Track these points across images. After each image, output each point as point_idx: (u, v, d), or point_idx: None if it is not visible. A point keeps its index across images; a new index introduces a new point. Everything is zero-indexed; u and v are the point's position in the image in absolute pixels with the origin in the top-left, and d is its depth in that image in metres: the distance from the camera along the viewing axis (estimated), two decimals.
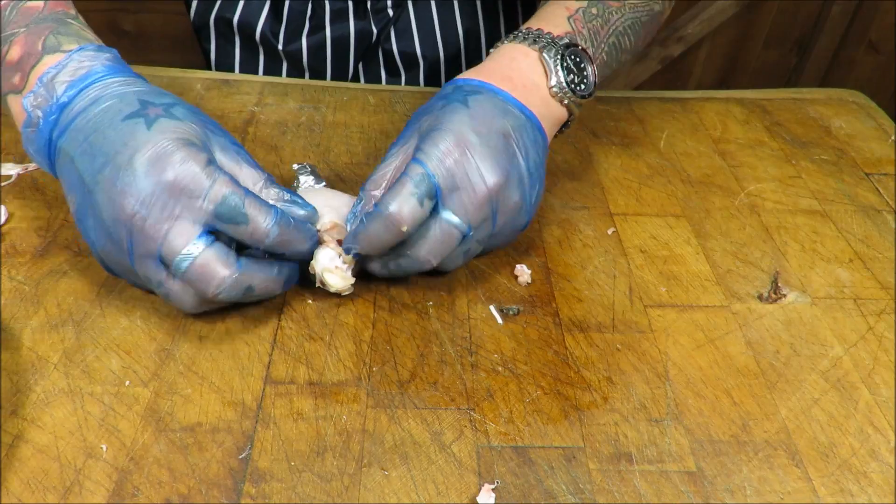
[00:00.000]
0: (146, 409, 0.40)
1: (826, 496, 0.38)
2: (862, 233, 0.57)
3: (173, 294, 0.42)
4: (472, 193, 0.44)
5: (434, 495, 0.37)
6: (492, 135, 0.45)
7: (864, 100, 0.74)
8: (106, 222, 0.41)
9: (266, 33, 0.76)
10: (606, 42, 0.55)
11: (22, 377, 0.42)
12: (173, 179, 0.40)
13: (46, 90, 0.43)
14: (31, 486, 0.36)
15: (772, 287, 0.51)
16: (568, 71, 0.50)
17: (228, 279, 0.41)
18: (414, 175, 0.43)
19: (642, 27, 0.58)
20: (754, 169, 0.63)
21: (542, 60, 0.50)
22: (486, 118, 0.45)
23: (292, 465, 0.38)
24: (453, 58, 0.79)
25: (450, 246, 0.45)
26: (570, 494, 0.38)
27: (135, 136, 0.41)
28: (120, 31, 1.81)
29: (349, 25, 0.76)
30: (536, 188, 0.48)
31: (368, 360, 0.44)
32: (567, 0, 0.55)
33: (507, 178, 0.45)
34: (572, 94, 0.50)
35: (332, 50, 0.77)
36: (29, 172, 0.57)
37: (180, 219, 0.40)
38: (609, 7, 0.55)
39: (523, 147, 0.46)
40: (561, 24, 0.53)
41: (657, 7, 0.60)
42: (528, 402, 0.42)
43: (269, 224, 0.42)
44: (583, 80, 0.51)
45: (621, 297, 0.50)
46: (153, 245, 0.40)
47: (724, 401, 0.43)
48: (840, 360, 0.46)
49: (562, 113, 0.51)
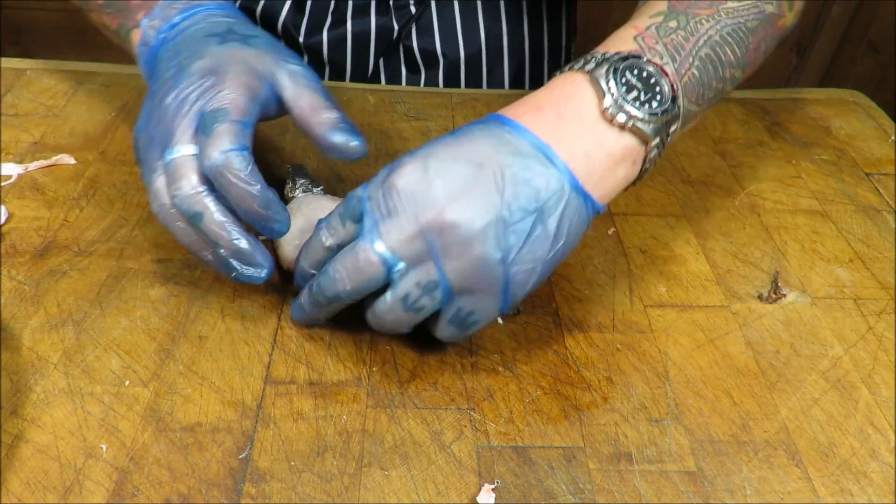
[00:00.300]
0: (146, 409, 0.40)
1: (826, 496, 0.38)
2: (862, 233, 0.57)
3: (153, 189, 0.42)
4: (402, 221, 0.38)
5: (434, 495, 0.37)
6: (459, 163, 0.38)
7: (864, 100, 0.74)
8: (151, 107, 0.44)
9: (288, 25, 0.77)
10: (696, 55, 0.44)
11: (22, 377, 0.42)
12: (207, 85, 0.43)
13: (162, 14, 0.49)
14: (31, 486, 0.36)
15: (772, 287, 0.51)
16: (629, 88, 0.40)
17: (188, 188, 0.41)
18: (350, 195, 0.41)
19: (750, 34, 0.48)
20: (754, 169, 0.63)
21: (593, 81, 0.41)
22: (462, 147, 0.39)
23: (292, 465, 0.38)
24: (474, 57, 0.78)
25: (367, 272, 0.39)
26: (570, 494, 0.38)
27: (206, 48, 0.45)
28: None
29: (370, 21, 0.76)
30: (525, 238, 0.38)
31: (368, 360, 0.44)
32: (638, 19, 0.46)
33: (456, 215, 0.37)
34: (636, 115, 0.40)
35: (353, 45, 0.77)
36: (29, 172, 0.57)
37: (193, 120, 0.42)
38: (695, 16, 0.45)
39: (507, 182, 0.38)
40: (625, 45, 0.44)
41: (769, 8, 0.48)
42: (528, 402, 0.42)
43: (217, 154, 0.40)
44: (653, 97, 0.41)
45: (621, 297, 0.50)
46: (163, 132, 0.42)
47: (724, 401, 0.43)
48: (840, 360, 0.46)
49: (623, 146, 0.41)
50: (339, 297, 0.41)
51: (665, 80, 0.41)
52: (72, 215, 0.53)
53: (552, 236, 0.39)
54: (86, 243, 0.51)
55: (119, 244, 0.51)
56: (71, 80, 0.69)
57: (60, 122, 0.63)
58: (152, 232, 0.52)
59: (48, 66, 0.70)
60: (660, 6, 0.46)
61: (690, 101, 0.44)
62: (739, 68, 0.48)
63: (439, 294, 0.39)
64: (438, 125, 0.66)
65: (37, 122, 0.63)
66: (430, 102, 0.69)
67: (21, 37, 1.80)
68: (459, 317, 0.40)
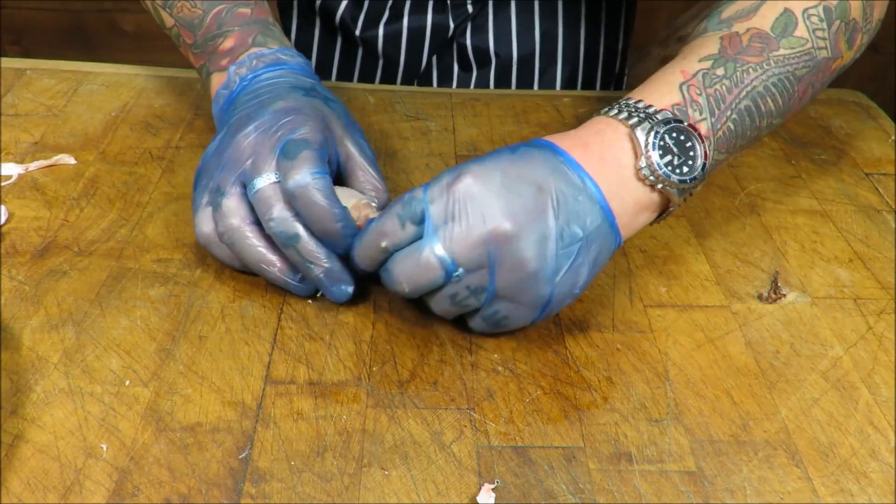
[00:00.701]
0: (146, 409, 0.40)
1: (826, 496, 0.38)
2: (862, 233, 0.57)
3: (223, 210, 0.46)
4: (467, 229, 0.40)
5: (434, 495, 0.37)
6: (521, 182, 0.40)
7: (864, 100, 0.74)
8: (226, 138, 0.48)
9: (346, 18, 0.78)
10: (735, 108, 0.45)
11: (22, 377, 0.42)
12: (289, 120, 0.46)
13: (250, 63, 0.52)
14: (31, 485, 0.36)
15: (772, 287, 0.51)
16: (665, 151, 0.42)
17: (283, 213, 0.44)
18: (408, 196, 0.42)
19: (797, 82, 0.48)
20: (754, 169, 0.63)
21: (633, 138, 0.43)
22: (525, 166, 0.41)
23: (292, 465, 0.38)
24: (527, 57, 0.79)
25: (427, 276, 0.41)
26: (570, 494, 0.38)
27: (289, 94, 0.49)
28: (120, 31, 1.81)
29: (427, 18, 0.76)
30: (570, 264, 0.41)
31: (368, 360, 0.44)
32: (686, 60, 0.47)
33: (518, 230, 0.39)
34: (667, 179, 0.42)
35: (408, 40, 0.78)
36: (29, 172, 0.57)
37: (275, 150, 0.45)
38: (744, 65, 0.46)
39: (563, 210, 0.40)
40: (669, 94, 0.45)
41: (823, 53, 0.48)
42: (528, 402, 0.42)
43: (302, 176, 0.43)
44: (685, 163, 0.43)
45: (621, 297, 0.50)
46: (240, 157, 0.46)
47: (724, 401, 0.43)
48: (840, 360, 0.46)
49: (650, 199, 0.44)
50: (401, 295, 0.43)
51: (700, 148, 0.43)
52: (72, 215, 0.53)
53: (591, 264, 0.42)
54: (86, 243, 0.51)
55: (119, 244, 0.51)
56: (71, 80, 0.69)
57: (60, 122, 0.63)
58: (152, 232, 0.52)
59: (48, 66, 0.71)
60: (711, 48, 0.47)
61: (720, 151, 0.46)
62: (779, 116, 0.49)
63: (484, 297, 0.42)
64: (438, 125, 0.66)
65: (37, 122, 0.63)
66: (430, 102, 0.69)
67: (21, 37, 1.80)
68: (495, 318, 0.43)
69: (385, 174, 0.60)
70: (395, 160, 0.61)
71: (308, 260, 0.44)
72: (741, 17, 0.48)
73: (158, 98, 0.67)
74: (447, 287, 0.41)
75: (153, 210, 0.54)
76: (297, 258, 0.45)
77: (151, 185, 0.57)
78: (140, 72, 0.71)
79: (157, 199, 0.56)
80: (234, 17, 0.55)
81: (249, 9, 0.55)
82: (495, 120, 0.67)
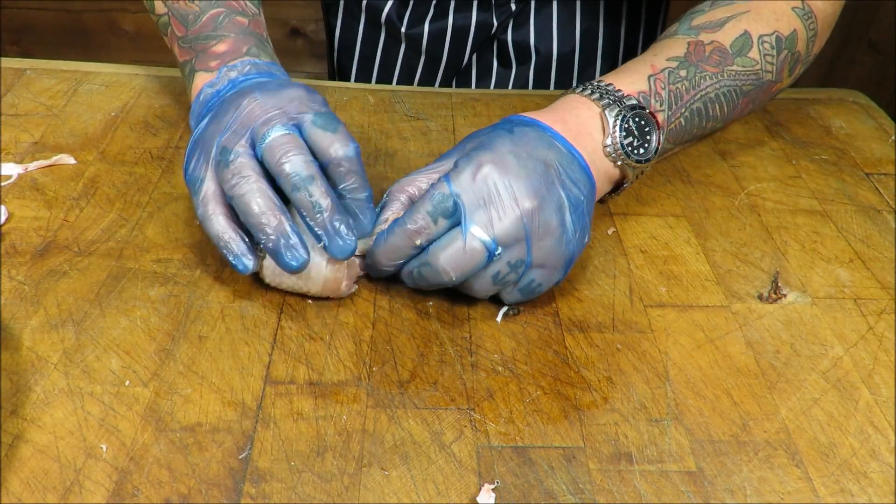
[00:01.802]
0: (146, 409, 0.40)
1: (826, 496, 0.38)
2: (862, 233, 0.57)
3: (235, 165, 0.44)
4: (501, 210, 0.43)
5: (434, 495, 0.37)
6: (532, 160, 0.45)
7: (864, 100, 0.74)
8: (223, 107, 0.48)
9: (392, 16, 0.79)
10: (689, 107, 0.53)
11: (22, 377, 0.42)
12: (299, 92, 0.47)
13: (242, 68, 0.52)
14: (31, 486, 0.36)
15: (772, 287, 0.51)
16: (627, 133, 0.49)
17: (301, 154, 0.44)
18: (435, 191, 0.44)
19: (742, 96, 0.56)
20: (754, 169, 0.63)
21: (603, 117, 0.49)
22: (527, 145, 0.46)
23: (292, 465, 0.38)
24: (567, 55, 0.79)
25: (472, 261, 0.43)
26: (570, 494, 0.38)
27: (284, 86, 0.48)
28: (120, 31, 1.81)
29: (472, 16, 0.77)
30: (580, 225, 0.46)
31: (368, 360, 0.44)
32: (656, 56, 0.54)
33: (542, 202, 0.44)
34: (626, 158, 0.49)
35: (452, 38, 0.79)
36: (29, 172, 0.57)
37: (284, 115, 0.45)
38: (702, 72, 0.53)
39: (566, 180, 0.45)
40: (637, 82, 0.52)
41: (768, 77, 0.56)
42: (528, 402, 0.42)
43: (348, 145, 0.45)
44: (642, 145, 0.50)
45: (621, 297, 0.50)
46: (252, 118, 0.46)
47: (724, 401, 0.43)
48: (840, 360, 0.46)
49: (614, 172, 0.51)
50: (443, 284, 0.45)
51: (656, 135, 0.51)
52: (72, 215, 0.53)
53: (588, 227, 0.47)
54: (86, 243, 0.51)
55: (119, 244, 0.51)
56: (71, 80, 0.69)
57: (60, 122, 0.63)
58: (152, 232, 0.52)
59: (48, 66, 0.70)
60: (679, 50, 0.54)
61: (669, 142, 0.54)
62: (721, 122, 0.57)
63: (523, 270, 0.45)
64: (438, 125, 0.66)
65: (37, 122, 0.63)
66: (429, 102, 0.69)
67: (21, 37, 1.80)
68: (530, 287, 0.46)
69: (385, 174, 0.60)
70: (395, 160, 0.61)
71: (320, 202, 0.43)
72: (708, 28, 0.56)
73: (158, 98, 0.67)
74: (490, 267, 0.44)
75: (153, 210, 0.54)
76: (306, 202, 0.43)
77: (151, 185, 0.57)
78: (140, 72, 0.71)
79: (157, 199, 0.56)
80: (231, 23, 0.55)
81: (247, 20, 0.56)
82: (495, 120, 0.67)
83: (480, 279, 0.45)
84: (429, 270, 0.44)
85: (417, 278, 0.46)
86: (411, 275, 0.46)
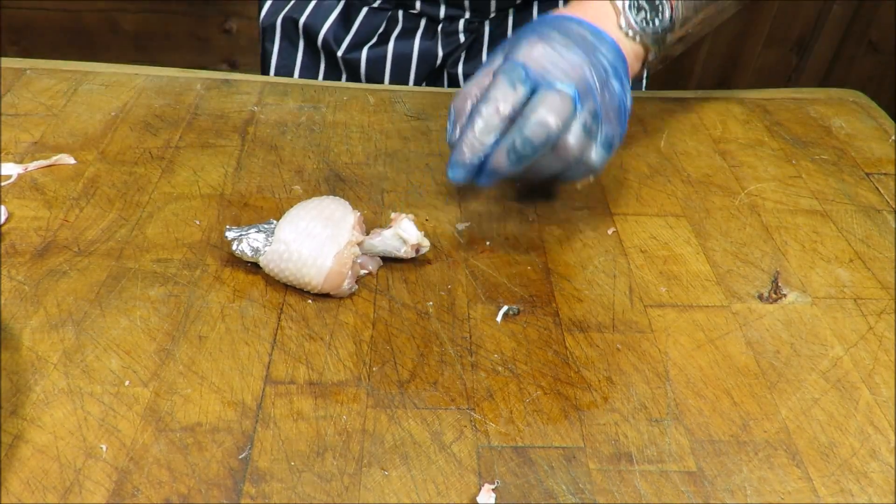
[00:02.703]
0: (146, 409, 0.40)
1: (826, 496, 0.38)
2: (862, 233, 0.56)
3: None
4: (568, 66, 0.47)
5: (434, 495, 0.37)
6: (570, 35, 0.49)
7: (864, 100, 0.74)
8: None
9: (328, 39, 0.78)
10: None
11: (22, 377, 0.42)
12: None
13: None
14: (30, 486, 0.36)
15: (772, 287, 0.51)
16: (638, 9, 0.53)
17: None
18: (505, 66, 0.47)
19: None
20: (754, 169, 0.63)
21: (613, 4, 0.53)
22: (561, 27, 0.49)
23: (292, 465, 0.38)
24: None
25: (566, 108, 0.46)
26: (570, 494, 0.38)
27: None
28: (120, 31, 1.81)
29: (413, 43, 0.77)
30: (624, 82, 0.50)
31: (368, 360, 0.44)
32: None
33: (592, 61, 0.48)
34: (642, 32, 0.53)
35: (392, 65, 0.78)
36: (28, 172, 0.57)
37: None
38: None
39: (601, 49, 0.49)
40: None
41: None
42: (528, 402, 0.42)
43: None
44: (656, 17, 0.53)
45: (621, 297, 0.50)
46: None
47: (725, 401, 0.43)
48: (840, 360, 0.46)
49: (638, 49, 0.54)
50: (547, 141, 0.46)
51: (667, 2, 0.54)
52: (71, 215, 0.53)
53: (629, 90, 0.51)
54: (85, 243, 0.51)
55: (119, 244, 0.51)
56: (71, 80, 0.69)
57: (60, 122, 0.63)
58: (152, 232, 0.52)
59: (48, 66, 0.70)
60: None
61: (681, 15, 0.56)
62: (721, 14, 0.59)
63: (599, 120, 0.48)
64: (438, 125, 0.66)
65: (37, 122, 0.63)
66: (429, 102, 0.69)
67: (21, 37, 1.80)
68: (608, 140, 0.49)
69: (385, 174, 0.60)
70: (395, 160, 0.61)
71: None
72: None
73: (158, 98, 0.67)
74: (578, 117, 0.47)
75: (153, 210, 0.54)
76: None
77: (151, 185, 0.57)
78: (140, 72, 0.71)
79: (157, 199, 0.56)
80: None
81: None
82: None
83: (573, 133, 0.47)
84: (531, 128, 0.45)
85: (520, 147, 0.46)
86: (512, 149, 0.46)
